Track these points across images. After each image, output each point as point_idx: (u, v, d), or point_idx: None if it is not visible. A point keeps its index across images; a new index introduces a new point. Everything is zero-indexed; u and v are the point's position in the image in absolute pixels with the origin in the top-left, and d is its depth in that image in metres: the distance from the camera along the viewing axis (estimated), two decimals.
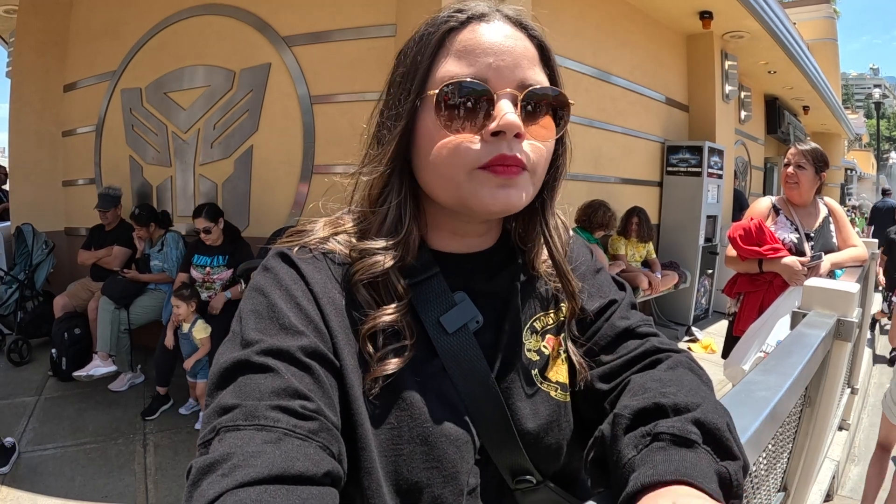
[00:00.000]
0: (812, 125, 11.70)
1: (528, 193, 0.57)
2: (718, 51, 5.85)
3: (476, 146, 0.54)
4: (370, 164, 0.60)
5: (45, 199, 4.85)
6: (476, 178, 0.55)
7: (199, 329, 3.17)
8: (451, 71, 0.55)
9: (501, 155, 0.53)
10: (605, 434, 0.49)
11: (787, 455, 1.25)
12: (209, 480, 0.39)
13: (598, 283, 0.70)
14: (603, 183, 4.75)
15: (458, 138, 0.54)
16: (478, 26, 0.56)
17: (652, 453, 0.43)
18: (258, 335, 0.50)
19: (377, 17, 3.35)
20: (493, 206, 0.55)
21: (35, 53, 4.78)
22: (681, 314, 5.42)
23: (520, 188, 0.56)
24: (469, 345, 0.58)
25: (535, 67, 0.57)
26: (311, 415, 0.45)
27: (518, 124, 0.53)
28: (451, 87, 0.54)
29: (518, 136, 0.54)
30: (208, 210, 3.40)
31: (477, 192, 0.55)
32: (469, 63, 0.55)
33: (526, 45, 0.57)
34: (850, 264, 2.42)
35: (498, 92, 0.54)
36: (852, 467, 2.95)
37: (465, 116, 0.54)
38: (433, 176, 0.57)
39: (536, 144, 0.56)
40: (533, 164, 0.56)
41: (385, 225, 0.58)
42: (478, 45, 0.55)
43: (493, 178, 0.54)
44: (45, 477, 2.53)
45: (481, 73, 0.54)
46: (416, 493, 0.53)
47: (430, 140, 0.56)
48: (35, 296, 4.28)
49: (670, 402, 0.47)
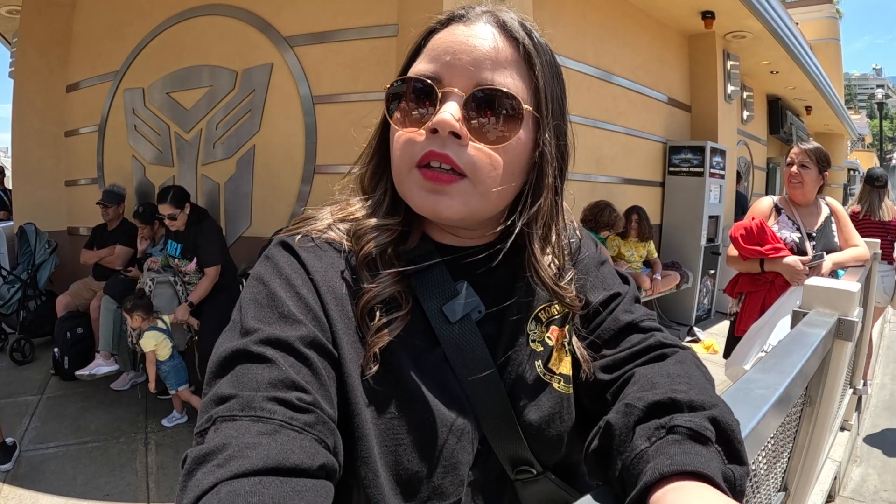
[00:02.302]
0: (815, 125, 11.66)
1: (469, 203, 0.54)
2: (720, 51, 5.84)
3: (417, 142, 0.54)
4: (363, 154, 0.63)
5: (47, 199, 4.87)
6: (412, 177, 0.55)
7: (145, 341, 3.03)
8: (416, 69, 0.56)
9: (430, 151, 0.53)
10: (613, 424, 0.49)
11: (787, 455, 1.25)
12: (204, 470, 0.39)
13: (602, 275, 0.69)
14: (605, 183, 4.74)
15: (406, 133, 0.55)
16: (455, 27, 0.56)
17: (667, 445, 0.43)
18: (257, 324, 0.50)
19: (379, 17, 3.35)
20: (422, 210, 0.55)
21: (38, 53, 4.79)
22: (683, 314, 5.42)
23: (452, 197, 0.54)
24: (471, 334, 0.58)
25: (503, 70, 0.54)
26: (308, 407, 0.45)
27: (450, 122, 0.52)
28: (399, 83, 0.56)
29: (458, 136, 0.53)
30: (174, 195, 3.18)
31: (412, 191, 0.55)
32: (431, 61, 0.55)
33: (497, 47, 0.55)
34: (851, 264, 2.41)
35: (444, 90, 0.54)
36: (854, 468, 2.94)
37: (413, 113, 0.55)
38: (393, 169, 0.58)
39: (487, 151, 0.54)
40: (474, 170, 0.53)
41: (382, 207, 0.59)
42: (442, 45, 0.56)
43: (422, 181, 0.54)
44: (46, 475, 2.54)
45: (437, 70, 0.55)
46: (416, 484, 0.53)
47: (392, 134, 0.58)
48: (37, 295, 4.29)
49: (686, 399, 0.47)
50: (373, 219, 0.59)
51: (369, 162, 0.62)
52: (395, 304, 0.56)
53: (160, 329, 3.10)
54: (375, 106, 0.63)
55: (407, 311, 0.56)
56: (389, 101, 0.57)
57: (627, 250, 4.61)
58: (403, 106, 0.56)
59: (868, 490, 2.73)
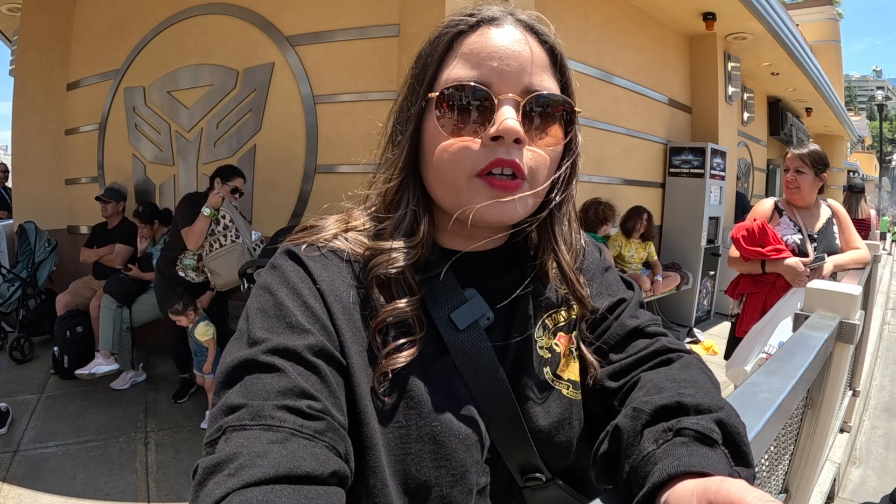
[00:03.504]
0: (815, 127, 11.67)
1: (527, 205, 0.56)
2: (721, 52, 5.84)
3: (475, 151, 0.54)
4: (386, 168, 0.61)
5: (47, 198, 4.86)
6: (474, 187, 0.54)
7: (200, 332, 3.13)
8: (456, 74, 0.55)
9: (498, 159, 0.53)
10: (621, 427, 0.49)
11: (788, 457, 1.25)
12: (215, 480, 0.38)
13: (607, 281, 0.69)
14: (605, 184, 4.75)
15: (459, 142, 0.54)
16: (487, 30, 0.56)
17: (674, 448, 0.43)
18: (265, 334, 0.50)
19: (380, 17, 3.35)
20: (489, 219, 0.55)
21: (39, 51, 4.79)
22: (683, 315, 5.42)
23: (517, 202, 0.55)
24: (480, 341, 0.58)
25: (544, 73, 0.56)
26: (318, 414, 0.45)
27: (517, 129, 0.53)
28: (452, 90, 0.54)
29: (518, 141, 0.53)
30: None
31: (474, 201, 0.55)
32: (473, 66, 0.55)
33: (535, 51, 0.56)
34: (852, 266, 2.41)
35: (500, 97, 0.54)
36: (853, 469, 2.94)
37: (466, 120, 0.54)
38: (436, 180, 0.57)
39: (538, 152, 0.55)
40: (532, 173, 0.55)
41: (402, 228, 0.58)
42: (483, 49, 0.55)
43: (489, 190, 0.54)
44: (46, 475, 2.53)
45: (485, 76, 0.54)
46: (425, 493, 0.53)
47: (434, 144, 0.56)
48: (37, 294, 4.29)
49: (692, 402, 0.47)
50: (397, 241, 0.57)
51: (398, 175, 0.59)
52: (408, 325, 0.56)
53: (207, 318, 3.18)
54: (377, 106, 0.63)
55: (422, 335, 0.56)
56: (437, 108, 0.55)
57: (628, 251, 4.61)
58: (450, 114, 0.55)
59: (867, 491, 2.74)
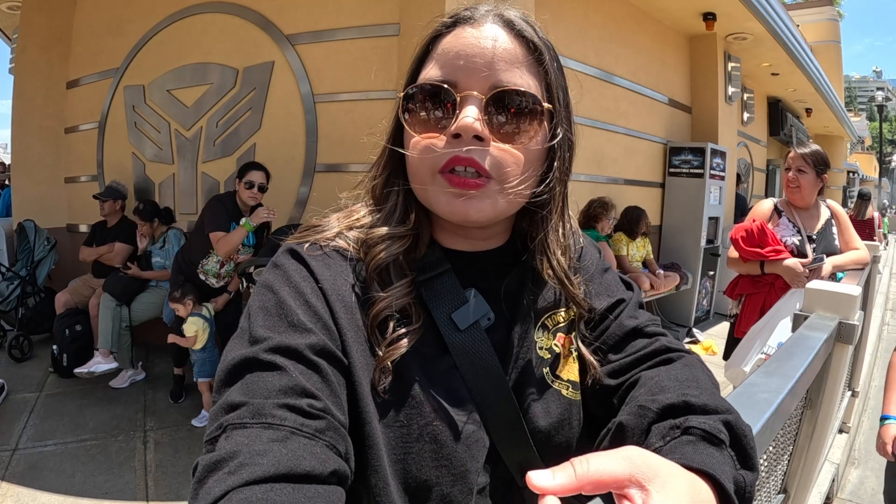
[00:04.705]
0: (814, 127, 11.68)
1: (496, 204, 0.55)
2: (721, 52, 5.85)
3: (439, 148, 0.54)
4: (374, 165, 0.63)
5: (47, 196, 4.85)
6: (437, 183, 0.55)
7: (188, 323, 3.13)
8: (429, 74, 0.56)
9: (455, 157, 0.53)
10: (626, 425, 0.49)
11: (787, 457, 1.26)
12: (215, 478, 0.38)
13: (606, 282, 0.69)
14: (605, 184, 4.75)
15: (424, 139, 0.55)
16: (462, 30, 0.56)
17: (681, 445, 0.43)
18: (266, 332, 0.50)
19: (381, 16, 3.35)
20: (451, 216, 0.55)
21: (38, 50, 4.78)
22: (682, 315, 5.42)
23: (482, 200, 0.54)
24: (481, 341, 0.58)
25: (517, 70, 0.55)
26: (319, 413, 0.45)
27: (473, 126, 0.52)
28: (416, 89, 0.55)
29: (481, 139, 0.53)
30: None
31: (437, 198, 0.55)
32: (442, 66, 0.55)
33: (508, 47, 0.55)
34: (851, 267, 2.41)
35: (462, 94, 0.54)
36: (852, 470, 2.94)
37: (432, 118, 0.55)
38: (412, 178, 0.58)
39: (508, 149, 0.54)
40: (500, 171, 0.54)
41: (394, 217, 0.59)
42: (453, 48, 0.55)
43: (448, 186, 0.54)
44: (45, 473, 2.53)
45: (451, 75, 0.55)
46: (425, 492, 0.53)
47: (407, 141, 0.57)
48: (36, 292, 4.28)
49: (699, 402, 0.47)
50: (384, 228, 0.58)
51: (382, 171, 0.61)
52: (407, 316, 0.56)
53: (203, 317, 3.16)
54: (377, 105, 0.64)
55: (419, 324, 0.56)
56: (403, 108, 0.57)
57: (630, 250, 4.61)
58: (419, 112, 0.56)
59: (866, 492, 2.74)
